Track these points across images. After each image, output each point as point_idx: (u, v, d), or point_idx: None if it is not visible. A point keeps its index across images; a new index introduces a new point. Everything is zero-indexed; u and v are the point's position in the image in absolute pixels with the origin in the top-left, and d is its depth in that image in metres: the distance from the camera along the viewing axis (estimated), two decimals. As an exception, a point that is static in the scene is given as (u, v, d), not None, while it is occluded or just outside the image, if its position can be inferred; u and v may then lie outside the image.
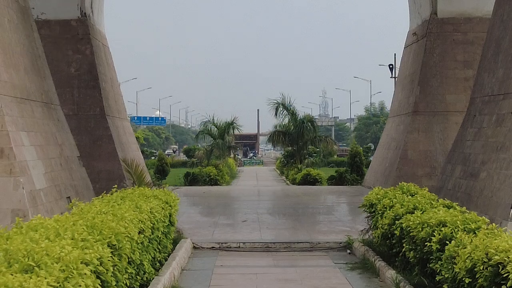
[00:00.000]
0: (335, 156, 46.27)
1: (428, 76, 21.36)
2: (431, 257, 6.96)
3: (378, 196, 10.25)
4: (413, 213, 8.26)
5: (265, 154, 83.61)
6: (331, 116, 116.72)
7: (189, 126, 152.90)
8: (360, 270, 9.24)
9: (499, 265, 5.15)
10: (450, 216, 7.24)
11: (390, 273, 8.21)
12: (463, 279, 5.81)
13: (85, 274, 4.59)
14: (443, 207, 8.20)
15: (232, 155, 44.89)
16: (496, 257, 5.21)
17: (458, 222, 6.94)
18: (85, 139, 18.85)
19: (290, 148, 36.77)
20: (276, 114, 36.68)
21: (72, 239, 5.34)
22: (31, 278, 3.98)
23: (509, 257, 5.03)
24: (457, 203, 8.59)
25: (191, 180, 27.93)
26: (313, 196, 21.36)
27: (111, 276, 5.34)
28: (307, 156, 35.95)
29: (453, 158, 14.94)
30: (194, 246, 11.02)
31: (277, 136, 37.48)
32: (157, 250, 8.44)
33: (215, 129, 37.63)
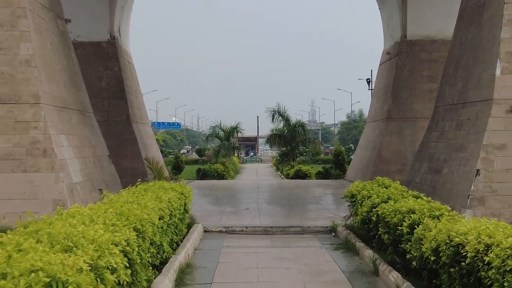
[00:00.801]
0: (322, 155, 46.20)
1: (399, 89, 21.40)
2: (402, 239, 6.99)
3: (358, 188, 10.27)
4: (387, 202, 8.29)
5: (263, 153, 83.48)
6: (318, 122, 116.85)
7: (200, 130, 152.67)
8: (343, 250, 9.27)
9: (459, 246, 5.16)
10: (418, 205, 7.26)
11: (368, 252, 8.24)
12: (429, 257, 5.82)
13: (115, 253, 4.61)
14: (412, 197, 8.22)
15: (236, 154, 44.78)
16: (457, 239, 5.22)
17: (425, 210, 6.97)
18: (114, 141, 18.82)
19: (284, 148, 36.73)
20: (272, 120, 36.69)
21: (104, 224, 5.36)
22: (70, 256, 3.99)
23: (467, 239, 5.04)
24: (423, 194, 8.60)
25: (202, 175, 27.92)
26: (303, 188, 21.38)
27: (136, 254, 5.36)
28: (298, 155, 35.92)
29: (420, 157, 14.96)
30: (205, 230, 11.05)
31: (274, 138, 37.47)
32: (174, 233, 8.47)
33: (222, 132, 37.61)
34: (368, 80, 39.93)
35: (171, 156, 41.47)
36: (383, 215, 7.92)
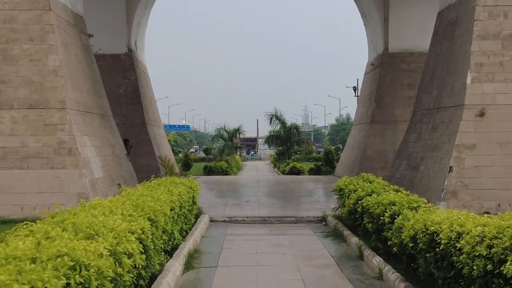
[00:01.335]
0: (314, 154, 46.06)
1: (382, 95, 21.40)
2: (384, 228, 6.99)
3: (345, 183, 10.27)
4: (371, 195, 8.30)
5: (262, 152, 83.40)
6: (311, 124, 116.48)
7: (207, 132, 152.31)
8: (332, 237, 9.27)
9: (434, 234, 5.17)
10: (398, 198, 7.27)
11: (354, 239, 8.24)
12: (408, 243, 5.83)
13: (131, 240, 4.62)
14: (393, 191, 8.22)
15: (238, 153, 44.74)
16: (432, 227, 5.23)
17: (404, 202, 6.97)
18: (131, 141, 18.80)
19: (281, 147, 36.69)
20: (270, 122, 36.70)
21: (122, 214, 5.36)
22: (92, 243, 3.99)
23: (441, 228, 5.04)
24: (403, 188, 8.60)
25: (208, 171, 27.89)
26: (297, 183, 21.37)
27: (150, 241, 5.37)
28: (293, 153, 35.88)
29: (400, 155, 14.96)
30: (210, 220, 11.05)
31: (271, 139, 37.46)
32: (184, 222, 8.47)
33: (226, 133, 37.61)
34: (355, 88, 39.83)
35: (181, 154, 41.40)
36: (368, 206, 7.92)
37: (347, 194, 9.67)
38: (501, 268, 3.84)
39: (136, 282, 4.80)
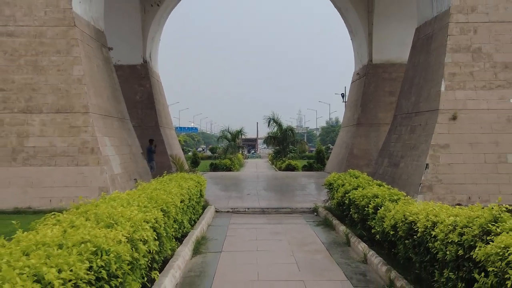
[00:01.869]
0: (307, 152, 46.00)
1: (367, 101, 21.40)
2: (368, 218, 6.99)
3: (334, 178, 10.28)
4: (357, 189, 8.29)
5: (261, 151, 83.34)
6: (304, 127, 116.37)
7: (213, 133, 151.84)
8: (322, 226, 9.27)
9: (412, 223, 5.17)
10: (381, 191, 7.26)
11: (342, 228, 8.24)
12: (389, 232, 5.83)
13: (146, 228, 4.62)
14: (376, 185, 8.22)
15: (240, 152, 44.65)
16: (410, 217, 5.23)
17: (386, 195, 6.97)
18: (146, 142, 18.81)
19: (278, 147, 36.60)
20: (268, 125, 36.63)
21: (138, 206, 5.36)
22: (111, 231, 3.99)
23: (418, 218, 5.05)
24: (385, 183, 8.61)
25: (214, 167, 27.85)
26: (292, 178, 21.34)
27: (163, 230, 5.37)
28: (288, 152, 35.81)
29: (383, 154, 14.97)
30: (216, 210, 11.05)
31: (269, 139, 37.40)
32: (192, 213, 8.48)
33: (229, 135, 37.51)
34: (343, 95, 39.84)
35: (190, 153, 41.35)
36: (354, 199, 7.93)
37: (336, 188, 9.67)
38: (471, 253, 3.84)
39: (150, 265, 4.81)
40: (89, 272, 3.19)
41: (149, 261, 4.68)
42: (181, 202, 7.12)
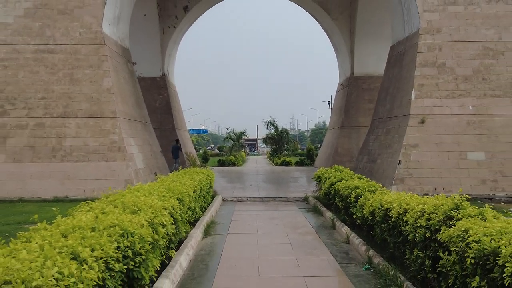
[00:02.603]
0: (299, 150, 45.95)
1: (349, 108, 21.37)
2: (350, 205, 6.99)
3: (322, 172, 10.29)
4: (341, 181, 8.30)
5: (261, 149, 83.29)
6: (296, 129, 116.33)
7: (220, 134, 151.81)
8: (312, 212, 9.27)
9: (387, 210, 5.17)
10: (361, 183, 7.27)
11: (328, 214, 8.24)
12: (368, 217, 5.84)
13: (165, 214, 4.62)
14: (357, 178, 8.22)
15: (243, 150, 44.64)
16: (386, 205, 5.23)
17: (365, 186, 6.97)
18: (164, 141, 18.80)
19: (274, 146, 36.55)
20: (267, 127, 36.61)
21: (157, 195, 5.37)
22: (135, 216, 3.99)
23: (392, 205, 5.04)
24: (364, 176, 8.61)
25: (221, 163, 27.81)
26: (287, 172, 21.34)
27: (178, 215, 5.38)
28: (283, 150, 35.81)
29: (363, 152, 14.96)
30: (223, 199, 11.04)
31: (268, 139, 37.35)
32: (203, 201, 8.50)
33: (234, 135, 37.54)
34: (329, 102, 39.78)
35: (201, 151, 41.33)
36: (338, 189, 7.93)
37: (323, 181, 9.67)
38: (437, 235, 3.84)
39: (168, 245, 4.81)
40: (117, 251, 3.19)
41: (167, 242, 4.68)
42: (193, 192, 7.13)
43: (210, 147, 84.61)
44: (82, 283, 2.55)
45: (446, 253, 3.58)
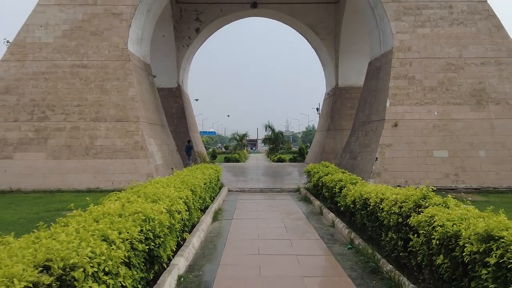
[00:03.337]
0: (292, 149, 45.89)
1: (334, 113, 21.34)
2: (335, 195, 6.99)
3: (312, 167, 10.29)
4: (327, 175, 8.31)
5: (260, 148, 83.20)
6: (290, 131, 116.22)
7: (226, 135, 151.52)
8: (303, 201, 9.25)
9: (366, 199, 5.17)
10: (344, 177, 7.27)
11: (317, 202, 8.23)
12: (350, 205, 5.83)
13: (180, 203, 4.62)
14: (341, 172, 8.22)
15: (245, 149, 44.61)
16: (365, 195, 5.23)
17: (348, 179, 6.97)
18: (179, 142, 18.75)
19: (272, 145, 36.53)
20: (265, 130, 36.65)
21: (174, 187, 5.38)
22: (156, 205, 4.01)
23: (370, 195, 5.05)
24: (347, 171, 8.61)
25: (227, 160, 27.75)
26: (282, 167, 21.32)
27: (191, 204, 5.38)
28: (279, 149, 35.79)
29: (345, 150, 14.95)
30: (228, 190, 11.02)
31: (266, 140, 37.29)
32: (212, 192, 8.49)
33: (238, 137, 37.62)
34: (317, 108, 39.79)
35: (210, 150, 41.28)
36: (325, 182, 7.93)
37: (312, 174, 9.67)
38: (407, 221, 3.85)
39: (183, 229, 4.82)
40: (140, 234, 3.20)
41: (182, 226, 4.69)
42: (204, 184, 7.14)
43: (218, 146, 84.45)
44: (111, 261, 2.56)
45: (416, 235, 3.59)
